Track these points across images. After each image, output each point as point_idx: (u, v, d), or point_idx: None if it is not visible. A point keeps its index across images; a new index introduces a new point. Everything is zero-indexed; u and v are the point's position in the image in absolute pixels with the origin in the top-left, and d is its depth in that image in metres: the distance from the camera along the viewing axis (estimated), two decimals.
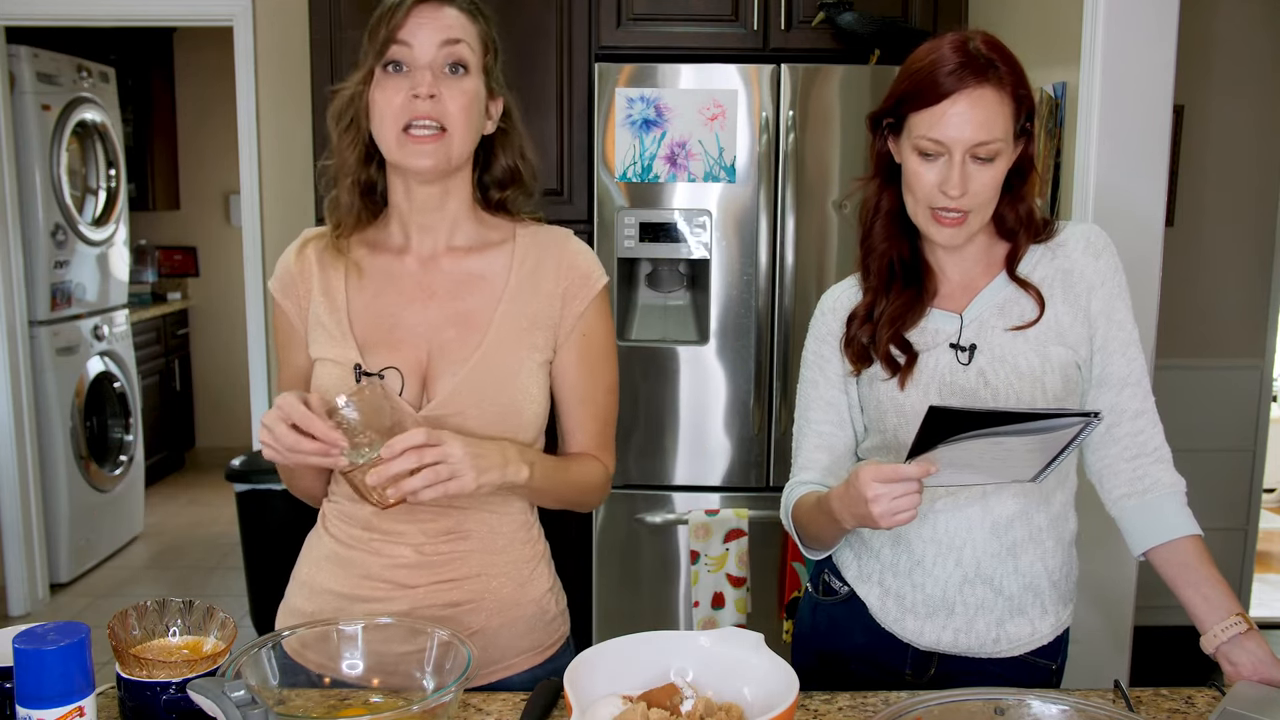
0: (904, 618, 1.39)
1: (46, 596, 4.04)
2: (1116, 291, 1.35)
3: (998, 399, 1.31)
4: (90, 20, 3.68)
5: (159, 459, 5.56)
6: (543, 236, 1.37)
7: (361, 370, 1.27)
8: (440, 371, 1.29)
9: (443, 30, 1.24)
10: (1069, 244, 1.36)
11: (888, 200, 1.38)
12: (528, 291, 1.33)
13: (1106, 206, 2.16)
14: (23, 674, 0.95)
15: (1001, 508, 1.34)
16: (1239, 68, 3.47)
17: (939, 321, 1.37)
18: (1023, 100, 1.28)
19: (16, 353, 3.84)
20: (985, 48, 1.26)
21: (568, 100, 2.91)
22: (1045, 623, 1.38)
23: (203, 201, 6.03)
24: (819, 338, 1.45)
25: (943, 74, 1.25)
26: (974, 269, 1.38)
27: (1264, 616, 3.81)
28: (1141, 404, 1.35)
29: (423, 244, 1.33)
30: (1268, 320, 3.61)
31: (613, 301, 2.79)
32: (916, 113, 1.28)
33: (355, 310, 1.31)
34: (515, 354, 1.30)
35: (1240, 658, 1.24)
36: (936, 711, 1.05)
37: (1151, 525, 1.32)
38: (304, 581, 1.37)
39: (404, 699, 1.13)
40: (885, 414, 1.37)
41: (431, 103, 1.23)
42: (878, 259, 1.39)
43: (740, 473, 2.85)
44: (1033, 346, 1.33)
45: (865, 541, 1.42)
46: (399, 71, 1.24)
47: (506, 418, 1.29)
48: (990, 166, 1.27)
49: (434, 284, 1.33)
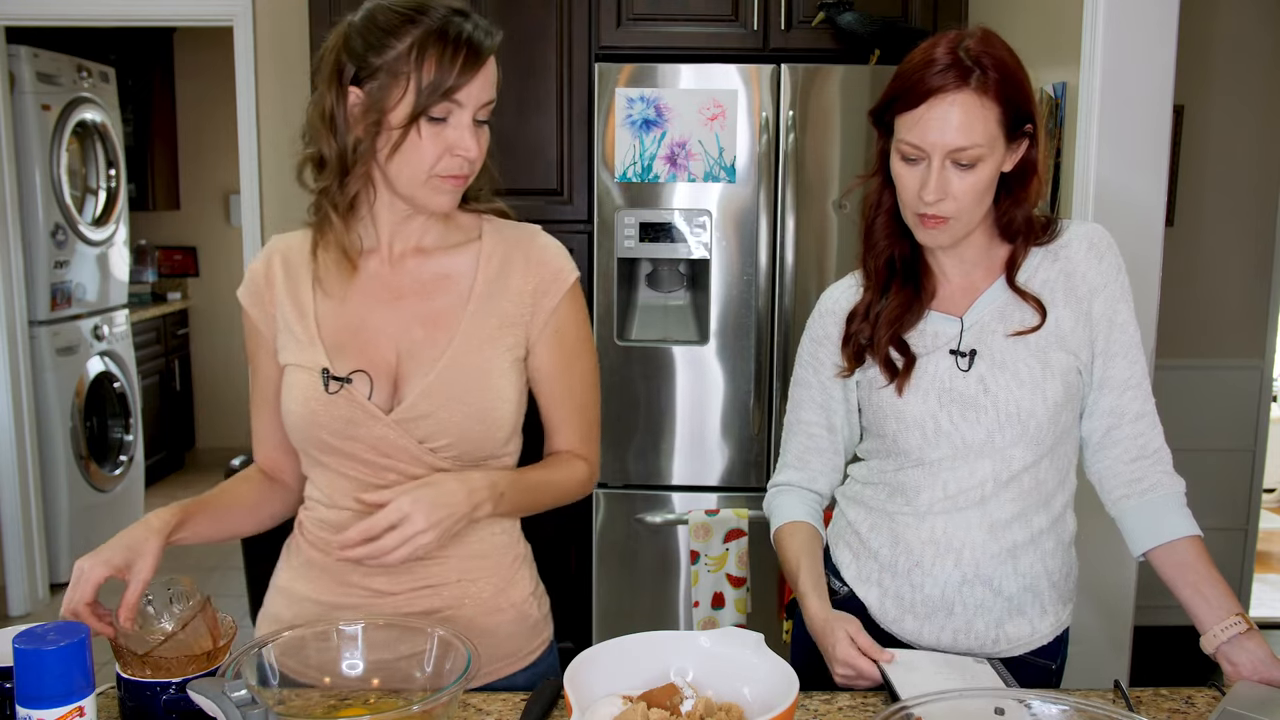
0: (903, 618, 1.38)
1: (46, 596, 4.04)
2: (1119, 294, 1.34)
3: (997, 406, 1.31)
4: (90, 20, 3.68)
5: (159, 459, 5.55)
6: (509, 233, 1.35)
7: (329, 375, 1.25)
8: (409, 373, 1.27)
9: (486, 91, 1.23)
10: (1071, 245, 1.35)
11: (888, 198, 1.37)
12: (496, 290, 1.31)
13: (1106, 206, 2.16)
14: (23, 674, 0.95)
15: (1000, 510, 1.34)
16: (1239, 68, 3.47)
17: (938, 324, 1.36)
18: (1012, 102, 1.25)
19: (16, 353, 3.84)
20: (976, 48, 1.24)
21: (568, 100, 2.91)
22: (1045, 623, 1.38)
23: (203, 201, 6.03)
24: (815, 339, 1.45)
25: (924, 77, 1.23)
26: (974, 271, 1.37)
27: (1264, 616, 3.81)
28: (1142, 406, 1.35)
29: (393, 245, 1.32)
30: (1268, 320, 3.61)
31: (612, 301, 2.80)
32: (900, 115, 1.27)
33: (322, 314, 1.30)
34: (485, 354, 1.29)
35: (1240, 657, 1.24)
36: (936, 711, 1.05)
37: (1151, 526, 1.32)
38: (282, 588, 1.37)
39: (404, 699, 1.13)
40: (885, 420, 1.37)
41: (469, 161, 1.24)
42: (878, 256, 1.39)
43: (740, 473, 2.85)
44: (1033, 353, 1.32)
45: (864, 542, 1.42)
46: (439, 122, 1.21)
47: (479, 418, 1.27)
48: (971, 172, 1.25)
49: (401, 285, 1.31)
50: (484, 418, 1.27)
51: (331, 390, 1.25)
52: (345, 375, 1.26)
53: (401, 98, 1.18)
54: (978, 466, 1.33)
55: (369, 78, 1.20)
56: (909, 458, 1.36)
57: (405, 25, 1.19)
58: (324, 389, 1.25)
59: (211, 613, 1.15)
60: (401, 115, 1.19)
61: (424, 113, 1.19)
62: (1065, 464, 1.37)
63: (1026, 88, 1.27)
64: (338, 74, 1.22)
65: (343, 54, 1.22)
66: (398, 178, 1.23)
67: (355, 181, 1.24)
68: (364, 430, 1.25)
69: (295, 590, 1.34)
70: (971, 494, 1.33)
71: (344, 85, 1.22)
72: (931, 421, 1.33)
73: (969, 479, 1.33)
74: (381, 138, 1.21)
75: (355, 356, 1.27)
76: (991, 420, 1.31)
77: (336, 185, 1.24)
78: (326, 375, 1.26)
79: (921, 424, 1.33)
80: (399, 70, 1.18)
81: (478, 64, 1.20)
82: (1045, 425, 1.31)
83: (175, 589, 1.18)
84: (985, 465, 1.32)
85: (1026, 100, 1.27)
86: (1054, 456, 1.35)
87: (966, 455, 1.33)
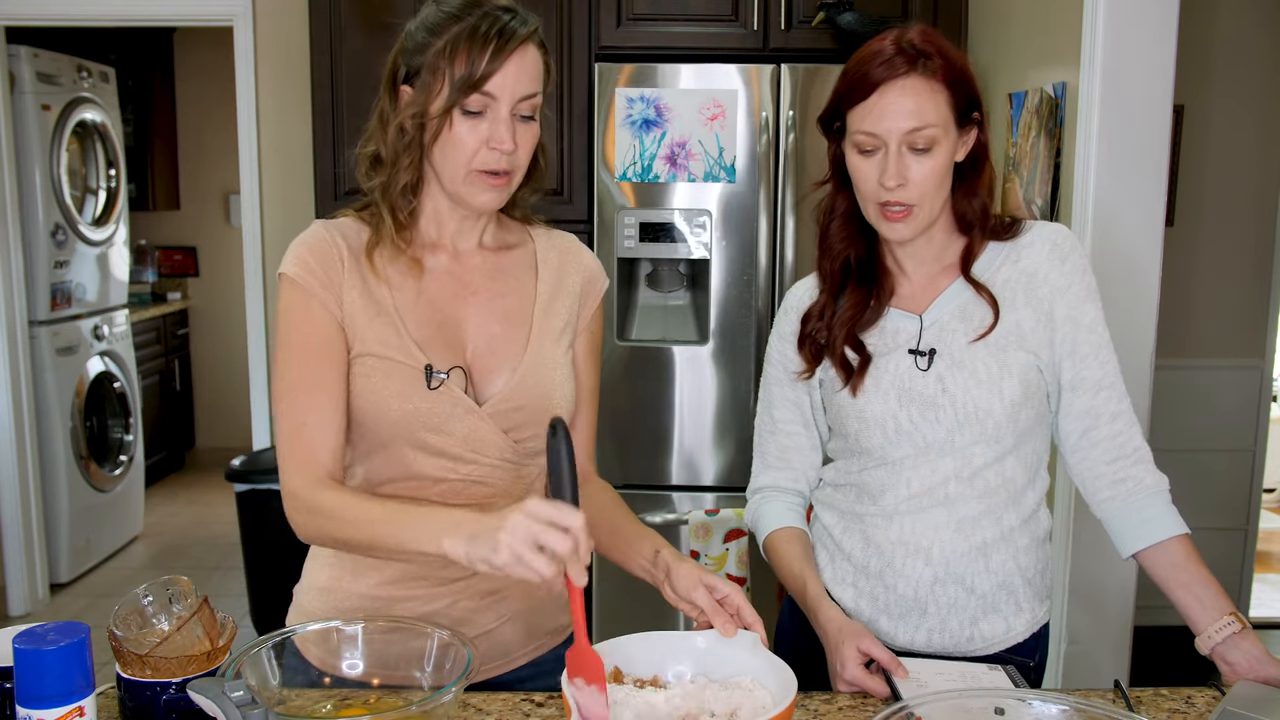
0: (878, 618, 1.39)
1: (46, 596, 4.04)
2: (1085, 294, 1.34)
3: (955, 405, 1.31)
4: (90, 20, 3.69)
5: (159, 459, 5.56)
6: (557, 240, 1.41)
7: (432, 370, 1.25)
8: (492, 367, 1.30)
9: (527, 84, 1.23)
10: (1034, 246, 1.36)
11: (843, 202, 1.38)
12: (558, 291, 1.37)
13: (1106, 207, 2.16)
14: (23, 674, 0.95)
15: (966, 508, 1.34)
16: (1239, 68, 3.47)
17: (898, 321, 1.37)
18: (959, 87, 1.28)
19: (16, 353, 3.84)
20: (919, 40, 1.27)
21: (568, 100, 2.91)
22: (1020, 620, 1.38)
23: (203, 201, 6.04)
24: (782, 336, 1.46)
25: (872, 69, 1.27)
26: (934, 268, 1.38)
27: (1264, 616, 3.81)
28: (1118, 406, 1.34)
29: (457, 243, 1.33)
30: (1267, 320, 3.61)
31: (612, 301, 2.80)
32: (852, 110, 1.30)
33: (401, 307, 1.28)
34: (553, 351, 1.33)
35: (1236, 657, 1.24)
36: (936, 711, 1.05)
37: (1138, 527, 1.32)
38: (325, 588, 1.34)
39: (404, 699, 1.14)
40: (846, 419, 1.38)
41: (508, 156, 1.24)
42: (834, 259, 1.40)
43: (740, 473, 2.85)
44: (991, 352, 1.32)
45: (838, 543, 1.43)
46: (475, 115, 1.22)
47: (546, 415, 1.28)
48: (929, 156, 1.27)
49: (473, 281, 1.33)
50: (552, 410, 1.31)
51: (433, 386, 1.25)
52: (445, 370, 1.26)
53: (439, 91, 1.21)
54: (939, 465, 1.33)
55: (415, 75, 1.24)
56: (872, 457, 1.37)
57: (448, 23, 1.22)
58: (427, 385, 1.25)
59: (210, 613, 1.15)
60: (438, 108, 1.22)
61: (456, 105, 1.21)
62: (1034, 461, 1.37)
63: (971, 75, 1.30)
64: (393, 75, 1.28)
65: (399, 56, 1.27)
66: (442, 172, 1.26)
67: (404, 172, 1.26)
68: (459, 424, 1.26)
69: (341, 587, 1.32)
70: (935, 493, 1.34)
71: (397, 85, 1.27)
72: (892, 421, 1.33)
73: (931, 477, 1.34)
74: (426, 131, 1.23)
75: (442, 350, 1.28)
76: (950, 419, 1.31)
77: (390, 178, 1.27)
78: (430, 370, 1.26)
79: (882, 423, 1.34)
80: (437, 66, 1.21)
81: (505, 52, 1.20)
82: (1004, 424, 1.31)
83: (174, 589, 1.18)
84: (947, 463, 1.33)
85: (972, 86, 1.30)
86: (1020, 454, 1.34)
87: (928, 454, 1.33)
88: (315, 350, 1.25)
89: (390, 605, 1.30)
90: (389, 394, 1.25)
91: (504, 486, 1.31)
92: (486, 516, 1.06)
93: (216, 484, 5.38)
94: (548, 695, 1.24)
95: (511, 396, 1.29)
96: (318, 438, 1.24)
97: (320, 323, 1.26)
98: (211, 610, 1.15)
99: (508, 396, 1.28)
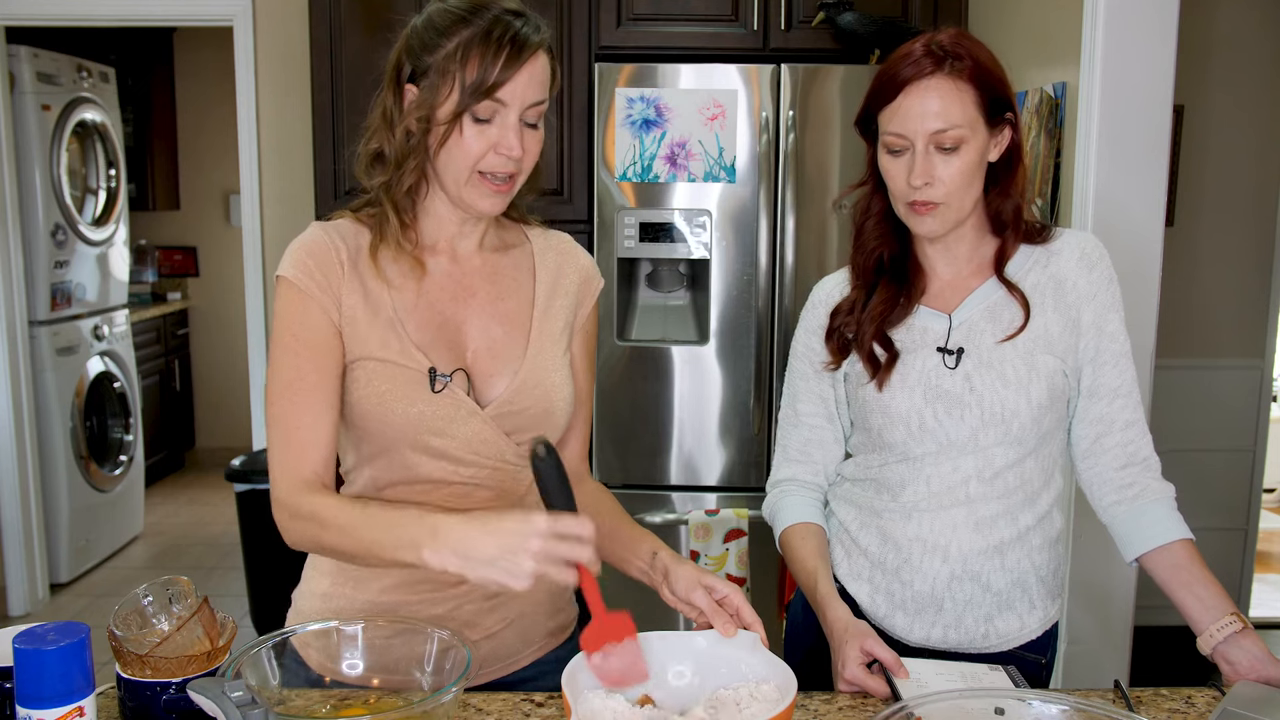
0: (893, 614, 1.39)
1: (46, 596, 4.04)
2: (1110, 304, 1.36)
3: (982, 405, 1.32)
4: (90, 20, 3.68)
5: (159, 459, 5.56)
6: (554, 240, 1.41)
7: (435, 373, 1.25)
8: (492, 370, 1.30)
9: (536, 91, 1.22)
10: (1064, 253, 1.37)
11: (879, 202, 1.40)
12: (556, 293, 1.37)
13: (1106, 206, 2.16)
14: (23, 674, 0.95)
15: (985, 508, 1.35)
16: (1239, 68, 3.47)
17: (927, 320, 1.38)
18: (987, 86, 1.28)
19: (16, 353, 3.84)
20: (948, 41, 1.28)
21: (568, 100, 2.91)
22: (1033, 618, 1.40)
23: (203, 201, 6.03)
24: (809, 329, 1.47)
25: (900, 69, 1.28)
26: (965, 267, 1.39)
27: (1264, 616, 3.81)
28: (1132, 415, 1.37)
29: (456, 245, 1.33)
30: (1268, 320, 3.61)
31: (612, 301, 2.80)
32: (881, 111, 1.32)
33: (400, 309, 1.28)
34: (552, 353, 1.33)
35: (1238, 657, 1.24)
36: (936, 711, 1.05)
37: (1143, 531, 1.34)
38: (327, 594, 1.33)
39: (404, 699, 1.14)
40: (870, 414, 1.38)
41: (514, 161, 1.24)
42: (867, 256, 1.42)
43: (740, 473, 2.85)
44: (1020, 354, 1.33)
45: (854, 539, 1.43)
46: (483, 121, 1.21)
47: (550, 413, 1.32)
48: (956, 155, 1.28)
49: (472, 283, 1.33)
50: (552, 412, 1.31)
51: (437, 389, 1.25)
52: (448, 373, 1.26)
53: (448, 96, 1.20)
54: (961, 463, 1.34)
55: (422, 76, 1.23)
56: (893, 452, 1.38)
57: (457, 25, 1.21)
58: (430, 388, 1.25)
59: (210, 613, 1.15)
60: (447, 112, 1.21)
61: (467, 110, 1.20)
62: (1050, 464, 1.38)
63: (1001, 75, 1.31)
64: (397, 72, 1.26)
65: (403, 54, 1.26)
66: (444, 174, 1.25)
67: (409, 174, 1.25)
68: (462, 427, 1.26)
69: (343, 594, 1.31)
70: (956, 492, 1.35)
71: (402, 84, 1.25)
72: (916, 417, 1.34)
73: (952, 475, 1.35)
74: (431, 134, 1.23)
75: (443, 353, 1.27)
76: (976, 418, 1.32)
77: (394, 179, 1.26)
78: (434, 374, 1.25)
79: (906, 419, 1.35)
80: (447, 69, 1.20)
81: (519, 61, 1.20)
82: (1028, 426, 1.32)
83: (174, 589, 1.18)
84: (969, 462, 1.34)
85: (1003, 86, 1.31)
86: (1039, 456, 1.36)
87: (950, 452, 1.34)
88: (310, 354, 1.24)
89: (393, 612, 1.29)
90: (393, 398, 1.24)
91: (504, 488, 1.31)
92: (469, 524, 1.07)
93: (216, 484, 5.39)
94: (548, 695, 1.24)
95: (513, 399, 1.29)
96: (309, 442, 1.22)
97: (317, 326, 1.24)
98: (211, 610, 1.15)
99: (509, 399, 1.29)
